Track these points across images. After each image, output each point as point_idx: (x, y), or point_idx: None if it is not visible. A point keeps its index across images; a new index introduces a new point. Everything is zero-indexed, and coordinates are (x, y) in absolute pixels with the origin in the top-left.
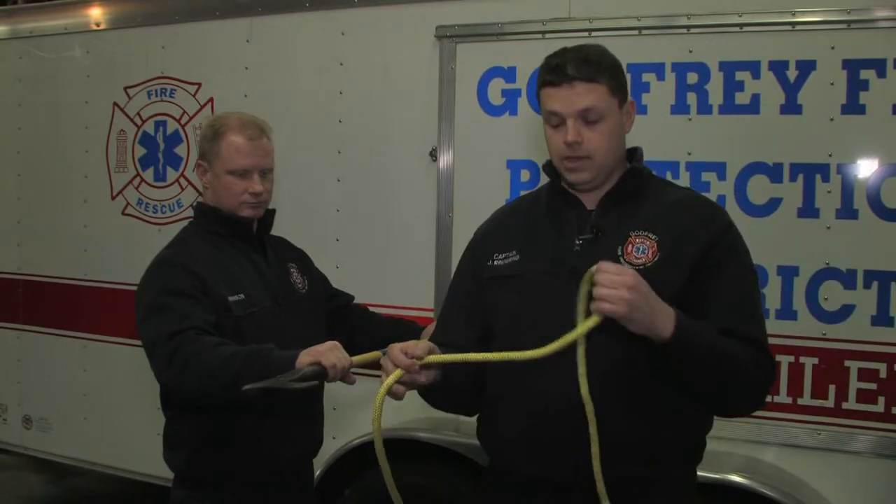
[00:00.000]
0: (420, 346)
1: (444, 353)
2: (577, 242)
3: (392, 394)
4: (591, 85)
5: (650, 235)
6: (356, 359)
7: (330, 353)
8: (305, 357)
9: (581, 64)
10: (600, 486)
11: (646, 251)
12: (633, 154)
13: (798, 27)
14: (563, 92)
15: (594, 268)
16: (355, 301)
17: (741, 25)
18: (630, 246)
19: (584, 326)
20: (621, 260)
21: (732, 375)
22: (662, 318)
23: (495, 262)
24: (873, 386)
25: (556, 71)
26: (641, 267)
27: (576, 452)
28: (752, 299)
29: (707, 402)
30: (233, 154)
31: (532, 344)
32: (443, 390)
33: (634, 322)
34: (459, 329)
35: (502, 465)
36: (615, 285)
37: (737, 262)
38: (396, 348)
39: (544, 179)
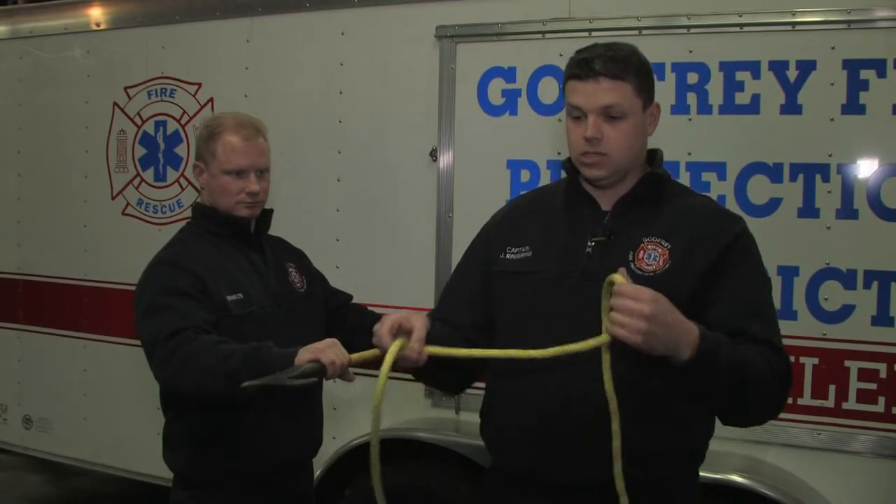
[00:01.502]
0: (417, 327)
1: (437, 328)
2: (590, 245)
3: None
4: (617, 82)
5: (663, 243)
6: (355, 356)
7: (329, 350)
8: (304, 354)
9: (609, 60)
10: (619, 484)
11: (657, 259)
12: (654, 157)
13: (798, 27)
14: (587, 86)
15: (614, 282)
16: (354, 301)
17: (741, 25)
18: (642, 252)
19: (592, 342)
20: (632, 265)
21: (754, 388)
22: (684, 340)
23: (507, 256)
24: (873, 386)
25: (582, 65)
26: (651, 274)
27: (577, 452)
28: (763, 303)
29: (726, 415)
30: (229, 154)
31: (536, 344)
32: (431, 368)
33: (652, 349)
34: (458, 311)
35: (503, 462)
36: (632, 313)
37: (746, 268)
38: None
39: (544, 179)
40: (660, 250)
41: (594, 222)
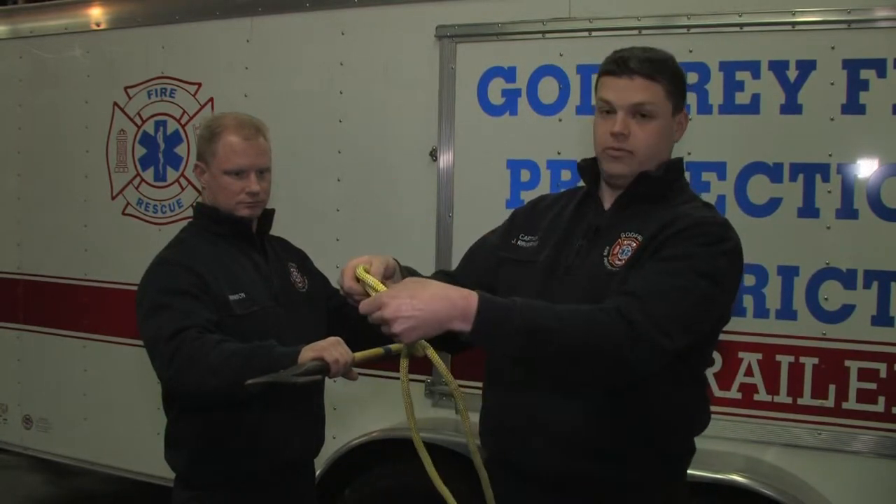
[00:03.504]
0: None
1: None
2: (580, 243)
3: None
4: (650, 82)
5: (637, 237)
6: (358, 355)
7: (332, 348)
8: (308, 352)
9: (645, 60)
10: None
11: (629, 252)
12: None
13: (798, 27)
14: (621, 82)
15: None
16: None
17: (741, 25)
18: (617, 247)
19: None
20: (605, 261)
21: (567, 341)
22: (458, 312)
23: (518, 243)
24: (873, 386)
25: (619, 62)
26: (619, 269)
27: (548, 446)
28: (665, 276)
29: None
30: (229, 154)
31: None
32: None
33: (426, 334)
34: (466, 272)
35: (489, 453)
36: (383, 322)
37: (675, 248)
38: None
39: (544, 179)
40: (634, 244)
41: (591, 221)
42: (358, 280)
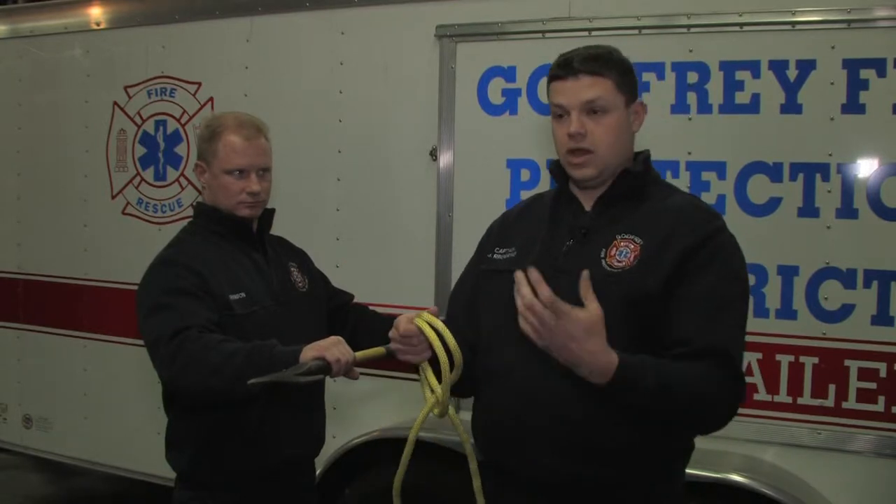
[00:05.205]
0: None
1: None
2: (567, 244)
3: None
4: (597, 78)
5: (635, 239)
6: (359, 354)
7: (334, 347)
8: (309, 352)
9: (587, 59)
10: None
11: (628, 255)
12: (637, 157)
13: (798, 27)
14: (568, 84)
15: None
16: (355, 300)
17: (741, 25)
18: (614, 249)
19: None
20: (603, 262)
21: (687, 407)
22: (593, 366)
23: (495, 256)
24: (873, 385)
25: (563, 65)
26: (620, 270)
27: (542, 448)
28: (726, 307)
29: (667, 426)
30: (230, 154)
31: (513, 337)
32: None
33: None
34: (458, 319)
35: (483, 455)
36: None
37: (716, 267)
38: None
39: (544, 179)
40: (631, 246)
41: (575, 222)
42: (422, 328)
